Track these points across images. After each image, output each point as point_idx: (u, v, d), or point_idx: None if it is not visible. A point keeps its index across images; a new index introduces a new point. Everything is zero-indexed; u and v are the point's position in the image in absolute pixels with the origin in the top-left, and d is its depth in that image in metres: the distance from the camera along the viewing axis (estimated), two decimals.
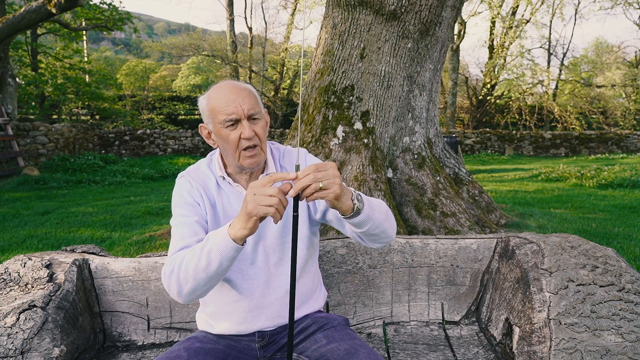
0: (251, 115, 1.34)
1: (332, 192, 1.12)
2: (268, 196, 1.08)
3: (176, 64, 33.33)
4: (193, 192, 1.40)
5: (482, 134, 17.67)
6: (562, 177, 9.12)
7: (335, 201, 1.15)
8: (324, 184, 1.11)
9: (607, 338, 1.33)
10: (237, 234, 1.15)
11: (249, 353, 1.43)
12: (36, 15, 10.50)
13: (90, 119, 20.43)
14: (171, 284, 1.25)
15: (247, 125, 1.32)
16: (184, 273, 1.22)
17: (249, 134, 1.31)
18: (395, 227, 1.36)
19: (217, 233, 1.20)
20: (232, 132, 1.33)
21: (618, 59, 24.78)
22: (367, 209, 1.23)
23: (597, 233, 4.50)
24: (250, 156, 1.34)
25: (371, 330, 1.87)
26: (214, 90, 1.38)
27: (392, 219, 1.35)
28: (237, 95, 1.33)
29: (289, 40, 22.13)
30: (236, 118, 1.32)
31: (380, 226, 1.28)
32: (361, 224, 1.24)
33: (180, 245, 1.31)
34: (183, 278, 1.23)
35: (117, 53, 40.39)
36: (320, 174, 1.11)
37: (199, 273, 1.20)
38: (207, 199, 1.40)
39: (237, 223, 1.15)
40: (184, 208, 1.38)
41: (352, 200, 1.20)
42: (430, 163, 4.35)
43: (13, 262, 1.74)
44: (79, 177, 9.84)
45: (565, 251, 1.64)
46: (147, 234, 4.80)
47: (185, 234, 1.33)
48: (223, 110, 1.32)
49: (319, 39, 4.39)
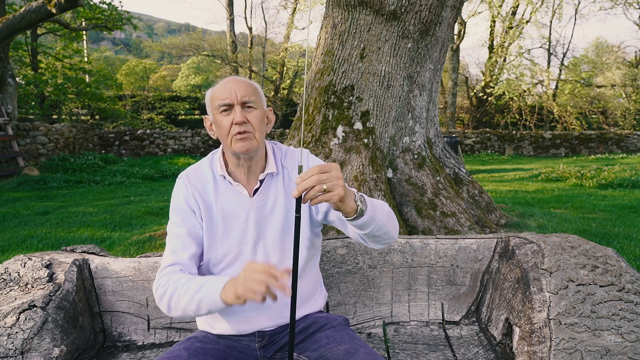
0: (245, 102, 1.35)
1: (336, 194, 1.11)
2: (257, 283, 1.10)
3: (176, 64, 33.35)
4: (189, 197, 1.41)
5: (482, 134, 17.67)
6: (562, 177, 9.12)
7: (339, 203, 1.15)
8: (328, 186, 1.10)
9: (607, 338, 1.33)
10: (227, 300, 1.18)
11: (249, 353, 1.43)
12: (36, 15, 10.50)
13: (90, 119, 20.43)
14: (161, 305, 1.32)
15: (239, 110, 1.34)
16: (175, 304, 1.28)
17: (240, 118, 1.33)
18: (397, 228, 1.36)
19: (211, 286, 1.22)
20: (225, 118, 1.35)
21: (618, 59, 24.77)
22: (370, 211, 1.22)
23: (597, 233, 4.50)
24: (241, 139, 1.34)
25: (371, 330, 1.87)
26: (218, 81, 1.43)
27: (394, 220, 1.34)
28: (234, 84, 1.37)
29: (289, 40, 22.14)
30: (229, 103, 1.34)
31: (383, 227, 1.28)
32: (364, 226, 1.24)
33: (171, 260, 1.36)
34: (174, 306, 1.29)
35: (117, 53, 40.40)
36: (324, 175, 1.10)
37: (188, 312, 1.27)
38: (202, 204, 1.40)
39: (230, 291, 1.17)
40: (178, 216, 1.41)
41: (355, 202, 1.19)
42: (430, 163, 4.35)
43: (13, 262, 1.74)
44: (79, 177, 9.84)
45: (565, 251, 1.64)
46: (147, 234, 4.80)
47: (176, 247, 1.37)
48: (219, 96, 1.36)
49: (319, 39, 4.39)
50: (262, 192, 1.42)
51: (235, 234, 1.40)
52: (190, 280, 1.27)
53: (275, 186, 1.43)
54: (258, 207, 1.40)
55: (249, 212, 1.40)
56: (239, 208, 1.40)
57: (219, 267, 1.41)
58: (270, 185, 1.43)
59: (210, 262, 1.41)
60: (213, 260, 1.41)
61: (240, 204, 1.40)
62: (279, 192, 1.43)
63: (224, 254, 1.40)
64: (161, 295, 1.31)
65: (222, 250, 1.40)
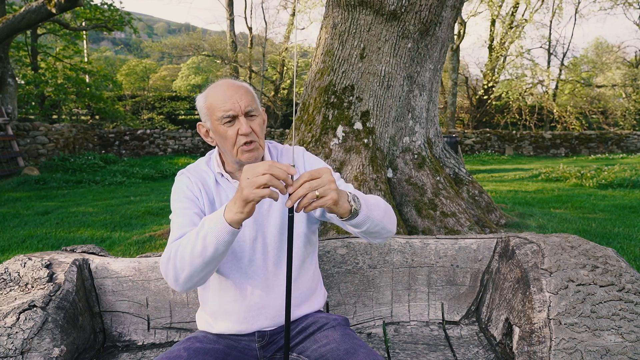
0: (248, 111, 1.35)
1: (329, 198, 1.10)
2: (261, 175, 1.05)
3: (176, 64, 33.34)
4: (192, 186, 1.41)
5: (482, 134, 17.67)
6: (562, 177, 9.12)
7: (333, 207, 1.14)
8: (320, 192, 1.08)
9: (607, 338, 1.33)
10: (233, 218, 1.13)
11: (249, 353, 1.43)
12: (36, 15, 10.50)
13: (90, 119, 20.43)
14: (168, 272, 1.25)
15: (244, 121, 1.33)
16: (180, 260, 1.22)
17: (246, 129, 1.32)
18: (395, 222, 1.36)
19: (212, 217, 1.18)
20: (230, 129, 1.34)
21: (618, 59, 24.78)
22: (364, 209, 1.22)
23: (597, 233, 4.50)
24: (248, 150, 1.35)
25: (371, 330, 1.87)
26: (212, 88, 1.40)
27: (391, 214, 1.34)
28: (234, 92, 1.35)
29: (289, 40, 22.14)
30: (233, 114, 1.33)
31: (379, 224, 1.28)
32: (360, 225, 1.24)
33: (178, 233, 1.31)
34: (179, 265, 1.22)
35: (117, 53, 40.39)
36: (315, 182, 1.08)
37: (195, 259, 1.19)
38: (205, 195, 1.41)
39: (232, 207, 1.13)
40: (183, 202, 1.39)
41: (348, 202, 1.18)
42: (430, 163, 4.35)
43: (13, 262, 1.74)
44: (79, 177, 9.84)
45: (565, 251, 1.64)
46: (147, 234, 4.80)
47: (183, 223, 1.33)
48: (220, 107, 1.34)
49: (319, 39, 4.39)
50: None
51: None
52: (191, 231, 1.24)
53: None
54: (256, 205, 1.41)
55: None
56: None
57: None
58: None
59: None
60: None
61: None
62: None
63: None
64: (166, 260, 1.25)
65: None
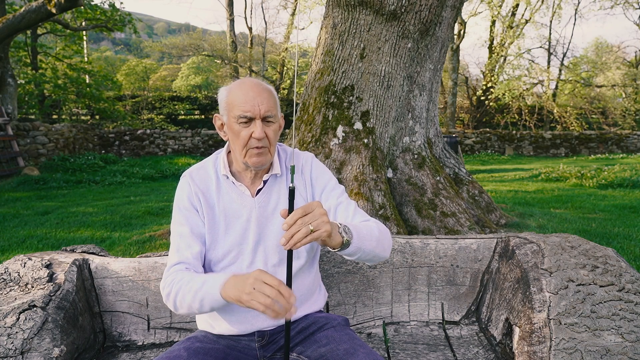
0: (266, 117, 1.34)
1: (324, 231, 1.11)
2: (266, 296, 1.09)
3: (176, 64, 33.32)
4: (192, 195, 1.42)
5: (482, 134, 17.66)
6: (562, 177, 9.12)
7: (327, 239, 1.15)
8: (314, 225, 1.09)
9: (607, 338, 1.33)
10: (228, 296, 1.18)
11: (249, 353, 1.43)
12: (36, 15, 10.50)
13: (90, 119, 20.42)
14: (168, 304, 1.34)
15: (259, 125, 1.32)
16: (180, 302, 1.30)
17: (259, 134, 1.32)
18: (390, 245, 1.36)
19: (211, 284, 1.23)
20: (244, 130, 1.33)
21: (618, 59, 24.77)
22: (356, 241, 1.22)
23: (597, 233, 4.50)
24: (257, 154, 1.35)
25: (371, 330, 1.87)
26: (237, 84, 1.38)
27: (384, 240, 1.33)
28: (257, 94, 1.33)
29: (289, 40, 22.15)
30: (251, 116, 1.32)
31: (370, 253, 1.28)
32: (351, 254, 1.25)
33: (175, 259, 1.37)
34: (179, 305, 1.31)
35: (117, 53, 40.38)
36: (307, 217, 1.10)
37: (193, 309, 1.29)
38: (205, 203, 1.41)
39: (230, 290, 1.16)
40: (181, 214, 1.41)
41: (340, 234, 1.19)
42: (430, 163, 4.35)
43: (13, 262, 1.74)
44: (79, 177, 9.84)
45: (565, 251, 1.64)
46: (147, 234, 4.80)
47: (180, 246, 1.38)
48: (240, 106, 1.33)
49: (319, 39, 4.39)
50: (265, 193, 1.43)
51: (237, 234, 1.40)
52: (193, 279, 1.28)
53: (278, 187, 1.44)
54: (260, 207, 1.41)
55: (251, 212, 1.40)
56: (241, 208, 1.41)
57: (220, 265, 1.42)
58: (274, 186, 1.44)
59: (212, 261, 1.42)
60: (214, 259, 1.41)
61: (243, 204, 1.41)
62: (281, 193, 1.43)
63: (224, 253, 1.41)
64: (167, 294, 1.32)
65: (223, 250, 1.41)
